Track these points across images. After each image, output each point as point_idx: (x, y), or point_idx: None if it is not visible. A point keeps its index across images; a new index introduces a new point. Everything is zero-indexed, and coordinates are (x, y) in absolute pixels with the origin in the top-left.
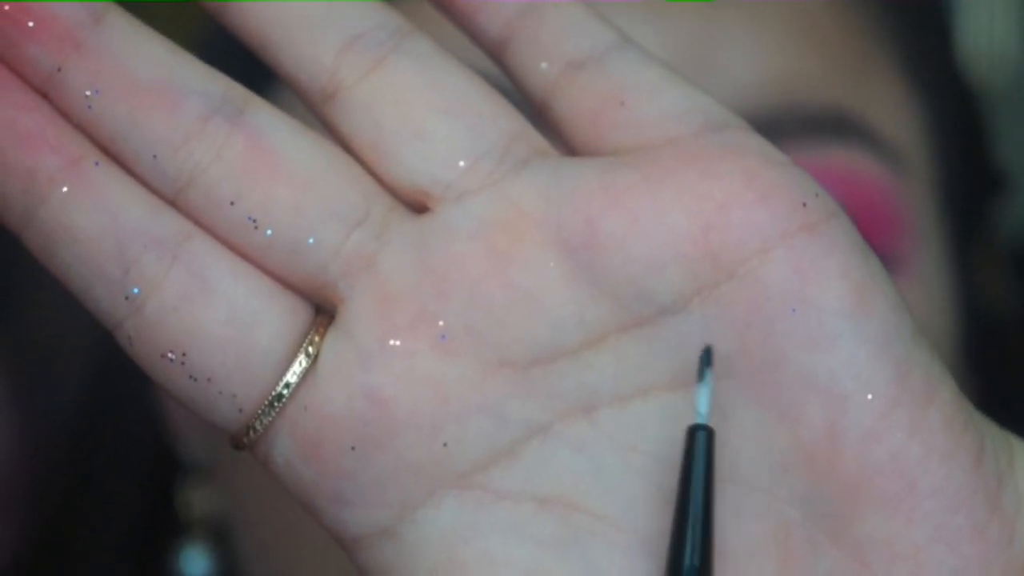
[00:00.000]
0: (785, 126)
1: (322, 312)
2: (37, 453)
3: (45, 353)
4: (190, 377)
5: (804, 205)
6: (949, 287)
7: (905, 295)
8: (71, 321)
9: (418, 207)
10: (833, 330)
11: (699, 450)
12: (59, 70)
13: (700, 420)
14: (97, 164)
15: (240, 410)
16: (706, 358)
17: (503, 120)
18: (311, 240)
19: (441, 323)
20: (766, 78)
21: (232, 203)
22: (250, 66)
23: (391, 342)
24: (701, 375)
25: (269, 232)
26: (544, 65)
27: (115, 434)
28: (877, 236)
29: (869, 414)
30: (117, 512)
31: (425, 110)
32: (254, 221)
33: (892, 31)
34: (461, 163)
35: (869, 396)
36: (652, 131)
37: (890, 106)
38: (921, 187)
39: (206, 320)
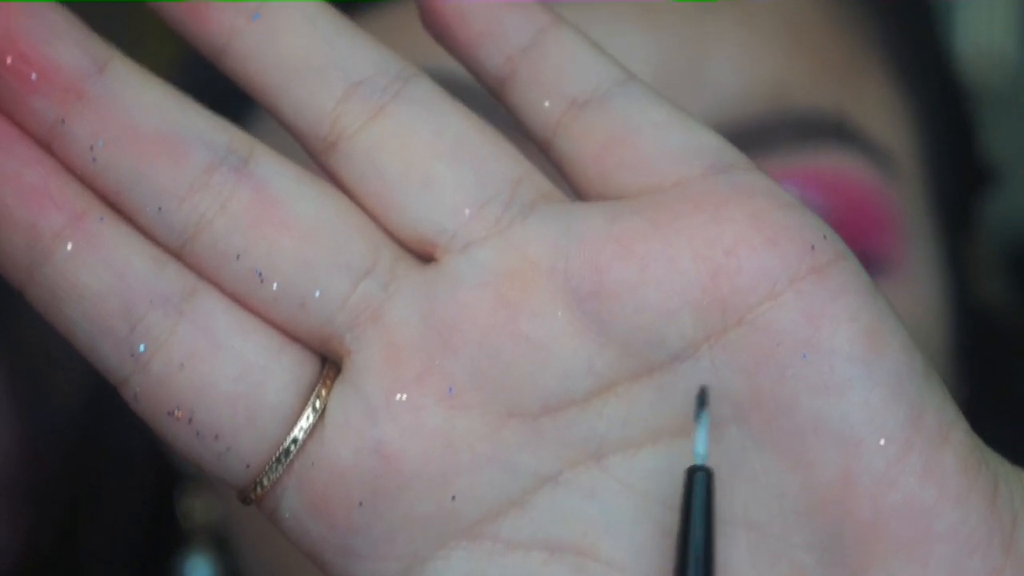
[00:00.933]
0: (775, 131)
1: (329, 364)
2: (38, 460)
3: (44, 362)
4: (197, 434)
5: (812, 248)
6: (941, 288)
7: (898, 298)
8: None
9: (425, 256)
10: (845, 375)
11: (698, 492)
12: (63, 122)
13: (698, 461)
14: (102, 219)
15: (247, 466)
16: (701, 399)
17: (507, 165)
18: (318, 293)
19: (449, 376)
20: (756, 83)
21: (238, 256)
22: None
23: (398, 396)
24: (697, 416)
25: (275, 286)
26: (547, 103)
27: (116, 442)
28: (869, 239)
29: (883, 459)
30: (119, 520)
31: (428, 158)
32: (260, 275)
33: (879, 32)
34: (466, 211)
35: (882, 441)
36: (658, 172)
37: (879, 107)
38: (911, 188)
39: (214, 377)
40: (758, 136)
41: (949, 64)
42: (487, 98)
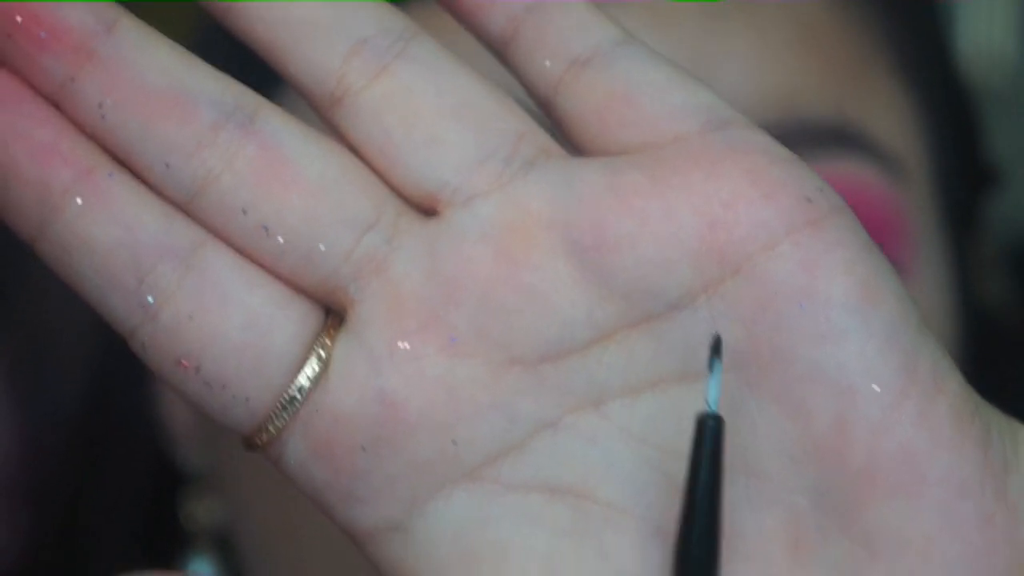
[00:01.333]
0: (787, 138)
1: (333, 315)
2: (38, 461)
3: (43, 363)
4: (205, 383)
5: (808, 200)
6: (948, 291)
7: None
8: (66, 333)
9: (428, 211)
10: (841, 324)
11: (707, 438)
12: (72, 80)
13: (710, 409)
14: (111, 175)
15: (254, 413)
16: (715, 347)
17: (509, 121)
18: (323, 246)
19: (451, 325)
20: (768, 90)
21: (244, 211)
22: (253, 63)
23: (401, 345)
24: (710, 364)
25: (281, 239)
26: (548, 63)
27: (118, 445)
28: (880, 245)
29: (878, 406)
30: (120, 522)
31: (432, 115)
32: (266, 228)
33: (886, 34)
34: (469, 166)
35: (877, 388)
36: (657, 129)
37: (888, 112)
38: (919, 193)
39: (221, 327)
40: None
41: (953, 66)
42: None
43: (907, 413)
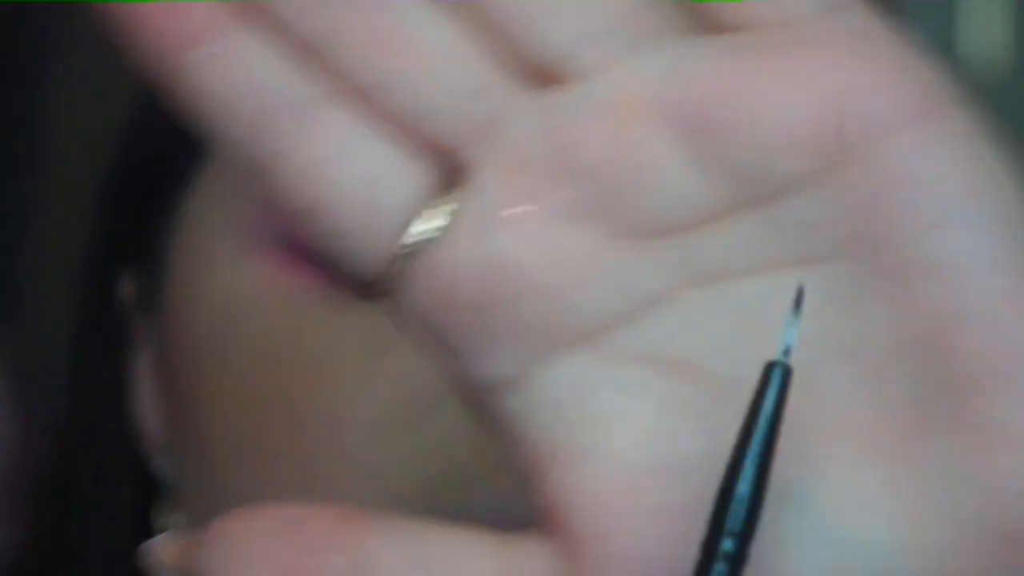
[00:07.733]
0: None
1: (450, 175)
2: (22, 469)
3: (31, 371)
4: (325, 232)
5: (927, 92)
6: None
7: None
8: (48, 343)
9: (546, 81)
10: (954, 214)
11: (772, 387)
12: None
13: (780, 357)
14: (236, 29)
15: (372, 263)
16: (797, 298)
17: None
18: (440, 106)
19: (563, 194)
20: None
21: (360, 68)
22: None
23: (513, 210)
24: (795, 311)
25: (399, 97)
26: None
27: (98, 454)
28: None
29: (989, 297)
30: (103, 533)
31: None
32: (383, 85)
33: None
34: (587, 41)
35: (989, 279)
36: (782, 5)
37: None
38: None
39: (341, 179)
40: None
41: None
42: None
43: (1018, 304)
